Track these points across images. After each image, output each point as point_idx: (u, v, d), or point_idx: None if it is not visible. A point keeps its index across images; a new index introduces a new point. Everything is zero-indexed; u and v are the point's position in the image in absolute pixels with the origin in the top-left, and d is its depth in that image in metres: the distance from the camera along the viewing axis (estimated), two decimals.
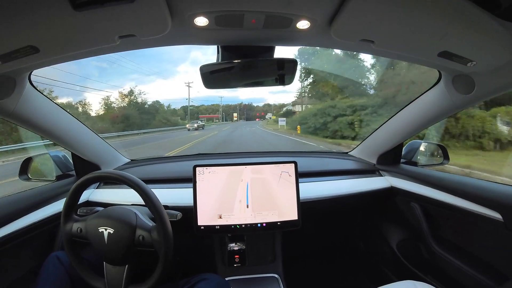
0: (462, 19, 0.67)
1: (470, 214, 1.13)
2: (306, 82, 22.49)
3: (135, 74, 66.75)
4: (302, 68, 20.30)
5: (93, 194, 1.46)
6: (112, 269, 0.95)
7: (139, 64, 57.87)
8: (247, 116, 67.79)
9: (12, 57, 0.75)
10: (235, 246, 1.48)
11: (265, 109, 71.41)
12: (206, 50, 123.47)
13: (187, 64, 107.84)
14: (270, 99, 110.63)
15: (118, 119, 22.40)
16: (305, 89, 23.50)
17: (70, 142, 1.36)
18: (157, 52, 56.37)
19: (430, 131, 5.64)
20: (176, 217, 1.10)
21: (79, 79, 33.64)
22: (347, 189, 1.52)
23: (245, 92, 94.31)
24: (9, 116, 1.01)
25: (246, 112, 70.76)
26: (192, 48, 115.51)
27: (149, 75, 78.87)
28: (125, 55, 9.95)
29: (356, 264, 1.92)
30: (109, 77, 69.01)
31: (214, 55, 1.00)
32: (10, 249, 1.06)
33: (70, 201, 1.00)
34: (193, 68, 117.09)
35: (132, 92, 28.27)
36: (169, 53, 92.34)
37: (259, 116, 65.91)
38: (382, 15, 0.69)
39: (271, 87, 5.34)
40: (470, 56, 0.84)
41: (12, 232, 1.05)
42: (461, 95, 1.08)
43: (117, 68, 41.88)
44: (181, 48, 68.77)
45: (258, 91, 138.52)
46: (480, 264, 1.13)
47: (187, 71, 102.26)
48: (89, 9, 0.59)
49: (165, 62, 64.13)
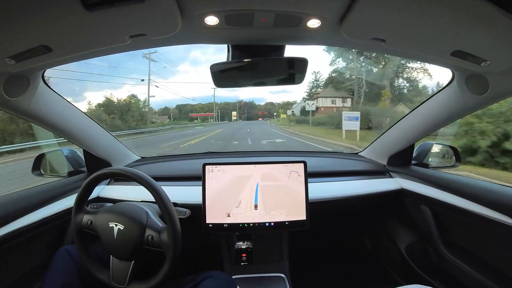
0: (476, 17, 0.65)
1: (481, 218, 1.10)
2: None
3: (133, 74, 67.01)
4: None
5: (103, 190, 1.48)
6: (118, 263, 0.96)
7: (138, 63, 56.72)
8: (248, 115, 62.40)
9: (26, 57, 0.77)
10: (242, 245, 1.48)
11: (268, 108, 66.87)
12: (206, 50, 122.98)
13: (187, 64, 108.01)
14: (270, 99, 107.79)
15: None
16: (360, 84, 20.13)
17: (82, 139, 1.38)
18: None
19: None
20: (184, 214, 1.10)
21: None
22: (357, 190, 1.51)
23: (245, 92, 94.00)
24: (23, 114, 1.04)
25: (247, 110, 64.67)
26: (191, 48, 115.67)
27: (151, 75, 79.23)
28: (125, 54, 9.93)
29: (363, 266, 1.90)
30: (109, 77, 69.58)
31: (215, 54, 0.96)
32: (22, 242, 1.09)
33: (82, 194, 1.01)
34: (193, 68, 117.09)
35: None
36: (169, 53, 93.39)
37: (261, 115, 61.44)
38: (394, 13, 0.67)
39: (270, 87, 5.28)
40: (484, 56, 0.82)
41: (24, 226, 1.08)
42: (474, 96, 1.05)
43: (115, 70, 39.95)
44: (180, 48, 69.25)
45: (258, 91, 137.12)
46: (490, 270, 1.10)
47: (187, 71, 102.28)
48: (100, 9, 0.60)
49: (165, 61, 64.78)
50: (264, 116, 59.94)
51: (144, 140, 15.63)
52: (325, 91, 28.44)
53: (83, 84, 34.08)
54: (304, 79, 1.06)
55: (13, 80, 0.89)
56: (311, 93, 33.19)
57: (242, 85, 1.17)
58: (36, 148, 9.80)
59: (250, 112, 64.89)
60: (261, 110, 66.75)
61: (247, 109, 65.51)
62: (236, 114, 57.98)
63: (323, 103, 27.23)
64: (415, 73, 18.62)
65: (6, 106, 0.97)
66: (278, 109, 58.93)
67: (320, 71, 35.37)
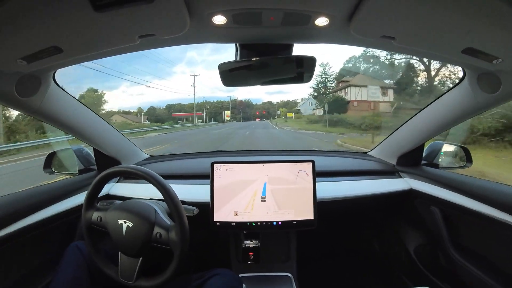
0: (487, 14, 0.64)
1: (492, 221, 1.07)
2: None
3: (129, 75, 67.13)
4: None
5: (113, 188, 1.51)
6: (126, 260, 0.98)
7: (133, 65, 54.57)
8: (244, 115, 57.49)
9: (37, 57, 0.79)
10: (250, 243, 1.48)
11: (266, 107, 62.94)
12: (202, 51, 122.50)
13: (183, 65, 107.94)
14: (267, 99, 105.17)
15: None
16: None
17: (92, 138, 1.40)
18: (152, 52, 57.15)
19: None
20: (192, 212, 1.11)
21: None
22: (365, 190, 1.49)
23: (241, 93, 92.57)
24: (34, 113, 1.06)
25: (242, 110, 59.49)
26: (187, 48, 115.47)
27: (145, 76, 79.03)
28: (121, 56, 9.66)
29: (371, 267, 1.88)
30: (105, 78, 69.77)
31: (211, 55, 0.96)
32: (33, 238, 1.12)
33: (92, 191, 1.04)
34: (190, 68, 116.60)
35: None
36: (167, 53, 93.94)
37: (259, 115, 57.19)
38: (403, 10, 0.66)
39: (266, 87, 5.18)
40: (496, 53, 0.80)
41: (36, 221, 1.10)
42: (486, 94, 1.02)
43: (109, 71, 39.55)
44: (176, 48, 69.67)
45: (254, 92, 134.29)
46: (502, 275, 1.07)
47: (184, 72, 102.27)
48: (110, 10, 0.61)
49: (162, 62, 64.66)
50: (262, 117, 56.15)
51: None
52: (357, 78, 22.01)
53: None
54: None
55: (25, 81, 0.91)
56: (319, 88, 29.86)
57: (251, 84, 1.17)
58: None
59: (246, 111, 60.82)
60: (259, 110, 62.54)
61: (242, 108, 60.87)
62: (230, 114, 52.91)
63: (357, 95, 21.28)
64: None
65: (19, 106, 0.99)
66: (278, 108, 55.53)
67: (329, 63, 32.00)
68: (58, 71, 1.04)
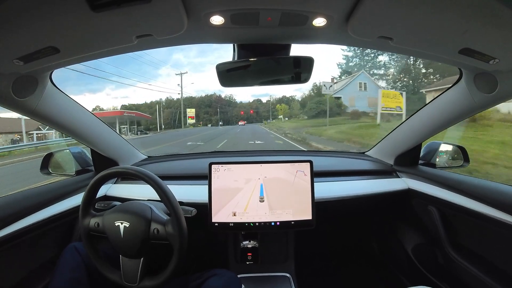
0: (484, 15, 0.64)
1: (490, 220, 1.08)
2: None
3: (114, 77, 66.31)
4: None
5: (111, 189, 1.50)
6: (128, 262, 0.98)
7: (118, 67, 50.63)
8: (224, 116, 42.10)
9: (34, 58, 0.78)
10: (248, 244, 1.48)
11: (254, 106, 48.42)
12: (188, 53, 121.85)
13: (168, 67, 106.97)
14: (255, 98, 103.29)
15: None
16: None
17: (89, 139, 1.39)
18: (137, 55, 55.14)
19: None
20: (190, 213, 1.11)
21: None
22: (363, 190, 1.49)
23: (225, 93, 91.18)
24: (31, 114, 1.05)
25: (221, 108, 43.41)
26: (174, 50, 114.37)
27: (129, 78, 77.08)
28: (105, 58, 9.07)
29: (369, 267, 1.89)
30: (88, 80, 68.27)
31: (198, 57, 0.95)
32: (31, 239, 1.11)
33: (89, 195, 1.03)
34: (174, 70, 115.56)
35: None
36: (151, 55, 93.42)
37: (243, 116, 41.59)
38: (401, 10, 0.67)
39: (252, 88, 5.07)
40: (492, 53, 0.81)
41: (34, 223, 1.10)
42: (483, 94, 1.03)
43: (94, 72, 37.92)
44: (162, 50, 68.55)
45: (241, 94, 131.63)
46: (500, 274, 1.07)
47: (168, 74, 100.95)
48: (107, 10, 0.61)
49: (146, 64, 63.45)
50: (248, 119, 40.76)
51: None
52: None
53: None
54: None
55: (21, 81, 0.90)
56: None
57: (248, 85, 1.17)
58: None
59: (226, 111, 44.36)
60: (244, 109, 46.01)
61: (221, 105, 43.47)
62: (194, 114, 36.75)
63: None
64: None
65: (15, 107, 0.98)
66: (272, 108, 41.01)
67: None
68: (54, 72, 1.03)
